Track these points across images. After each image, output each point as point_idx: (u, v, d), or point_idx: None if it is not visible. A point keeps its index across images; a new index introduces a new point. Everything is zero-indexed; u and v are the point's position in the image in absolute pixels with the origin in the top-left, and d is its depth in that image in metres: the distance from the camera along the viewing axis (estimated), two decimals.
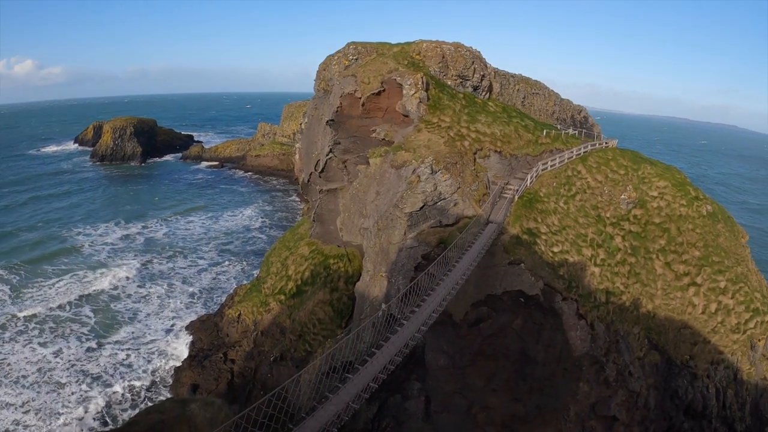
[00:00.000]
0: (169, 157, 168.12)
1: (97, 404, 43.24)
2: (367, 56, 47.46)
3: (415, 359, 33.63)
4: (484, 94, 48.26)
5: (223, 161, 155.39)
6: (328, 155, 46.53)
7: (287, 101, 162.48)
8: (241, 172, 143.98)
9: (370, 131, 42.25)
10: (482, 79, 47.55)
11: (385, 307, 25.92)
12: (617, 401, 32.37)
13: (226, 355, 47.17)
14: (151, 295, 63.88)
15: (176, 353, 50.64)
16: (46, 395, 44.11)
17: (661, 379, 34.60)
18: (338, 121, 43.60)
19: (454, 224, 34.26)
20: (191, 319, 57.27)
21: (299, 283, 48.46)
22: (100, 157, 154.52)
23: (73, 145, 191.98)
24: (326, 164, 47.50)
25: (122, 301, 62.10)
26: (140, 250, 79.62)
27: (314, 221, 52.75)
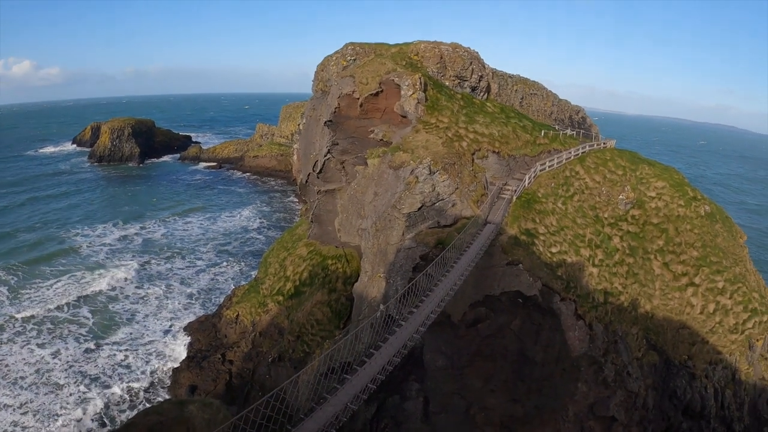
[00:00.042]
0: (167, 157, 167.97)
1: (95, 405, 43.15)
2: (365, 57, 47.47)
3: (413, 360, 33.61)
4: (482, 94, 48.30)
5: (221, 162, 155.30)
6: (326, 156, 46.52)
7: (286, 102, 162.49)
8: (239, 172, 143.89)
9: (368, 132, 42.25)
10: (480, 79, 47.59)
11: (383, 307, 25.93)
12: (616, 401, 32.37)
13: (224, 356, 47.13)
14: (149, 296, 63.78)
15: (174, 354, 50.56)
16: (44, 396, 44.00)
17: (659, 379, 34.63)
18: (336, 121, 43.59)
19: (452, 225, 34.29)
20: (189, 320, 57.19)
21: (297, 283, 48.46)
22: (98, 157, 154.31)
23: (71, 145, 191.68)
24: (324, 165, 47.48)
25: (120, 302, 62.00)
26: (138, 251, 79.50)
27: (312, 222, 52.74)
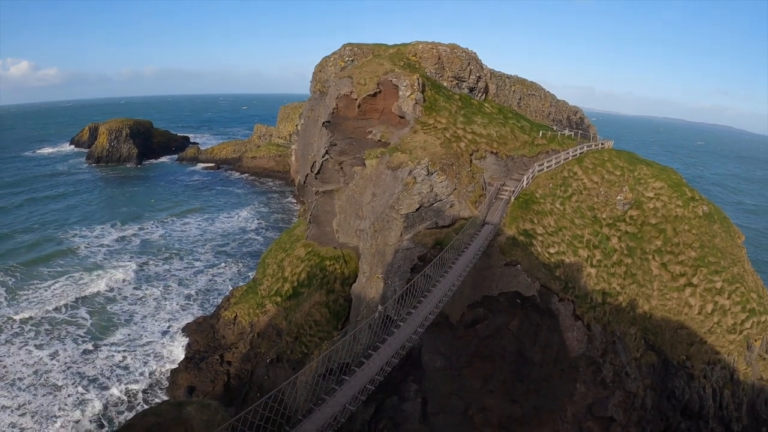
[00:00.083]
0: (165, 158, 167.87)
1: (93, 407, 43.08)
2: (363, 57, 47.45)
3: (411, 361, 33.59)
4: (480, 95, 48.33)
5: (219, 163, 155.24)
6: (324, 157, 46.51)
7: (284, 103, 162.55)
8: (237, 173, 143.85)
9: (366, 133, 42.25)
10: (478, 80, 47.62)
11: (381, 308, 25.94)
12: (614, 402, 32.39)
13: (222, 357, 47.08)
14: (147, 297, 63.71)
15: (172, 355, 50.50)
16: (42, 398, 43.92)
17: (657, 379, 34.66)
18: (334, 122, 43.59)
19: (450, 225, 34.27)
20: (187, 321, 57.12)
21: (295, 284, 48.44)
22: (96, 158, 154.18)
23: (68, 146, 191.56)
24: (322, 166, 47.47)
25: (118, 303, 61.93)
26: (136, 251, 79.44)
27: (310, 223, 52.72)
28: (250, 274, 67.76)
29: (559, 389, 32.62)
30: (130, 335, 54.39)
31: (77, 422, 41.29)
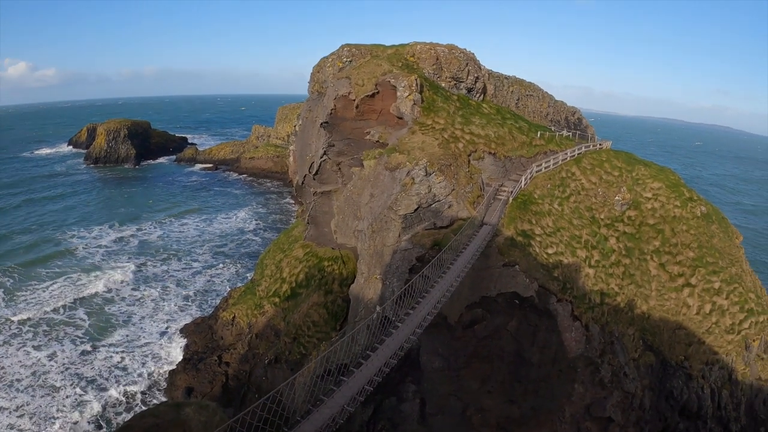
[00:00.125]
0: (163, 159, 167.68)
1: (92, 408, 43.00)
2: (361, 58, 47.47)
3: (409, 361, 33.58)
4: (478, 95, 48.37)
5: (217, 163, 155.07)
6: (322, 157, 46.52)
7: (282, 103, 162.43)
8: (235, 174, 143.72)
9: (364, 133, 42.26)
10: (476, 80, 47.67)
11: (379, 309, 25.94)
12: (612, 402, 32.41)
13: (220, 358, 47.01)
14: (145, 297, 63.62)
15: (171, 356, 50.43)
16: (40, 399, 43.84)
17: (656, 379, 34.69)
18: (332, 123, 43.59)
19: (448, 226, 34.28)
20: (185, 321, 57.03)
21: (293, 285, 48.40)
22: (93, 159, 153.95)
23: (66, 147, 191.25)
24: (320, 166, 47.47)
25: (116, 304, 61.83)
26: (134, 252, 79.33)
27: (308, 223, 52.71)
28: (248, 274, 67.70)
29: (557, 390, 32.63)
30: (128, 336, 54.31)
31: (76, 423, 41.22)
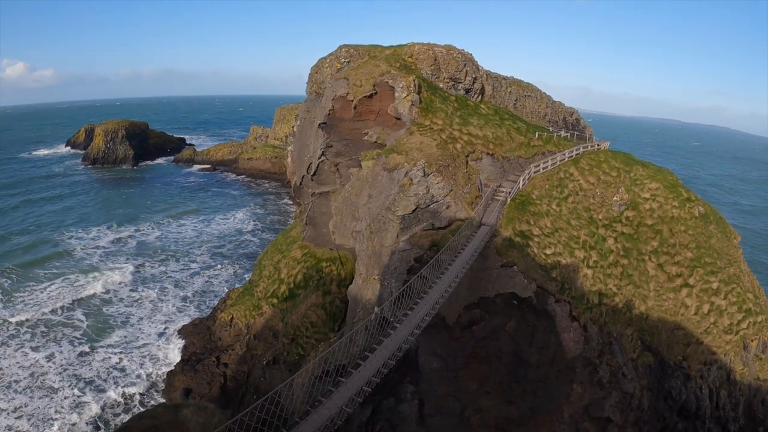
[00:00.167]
0: (161, 160, 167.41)
1: (90, 409, 42.86)
2: (359, 59, 47.47)
3: (408, 362, 33.59)
4: (476, 96, 48.39)
5: (215, 164, 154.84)
6: (320, 158, 46.51)
7: (280, 104, 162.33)
8: (233, 175, 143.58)
9: (362, 134, 42.26)
10: (474, 81, 47.69)
11: (377, 310, 25.91)
12: (611, 402, 32.45)
13: (218, 359, 46.92)
14: (143, 298, 63.52)
15: (169, 357, 50.33)
16: (38, 400, 43.72)
17: (654, 380, 34.73)
18: (330, 124, 43.58)
19: (446, 227, 34.27)
20: (184, 322, 56.92)
21: (292, 286, 48.36)
22: (91, 160, 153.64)
23: (64, 148, 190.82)
24: (318, 167, 47.46)
25: (114, 305, 61.71)
26: (132, 253, 79.18)
27: (306, 224, 52.69)
28: (246, 275, 67.60)
29: (555, 390, 32.65)
30: (126, 337, 54.21)
31: (74, 425, 41.10)
